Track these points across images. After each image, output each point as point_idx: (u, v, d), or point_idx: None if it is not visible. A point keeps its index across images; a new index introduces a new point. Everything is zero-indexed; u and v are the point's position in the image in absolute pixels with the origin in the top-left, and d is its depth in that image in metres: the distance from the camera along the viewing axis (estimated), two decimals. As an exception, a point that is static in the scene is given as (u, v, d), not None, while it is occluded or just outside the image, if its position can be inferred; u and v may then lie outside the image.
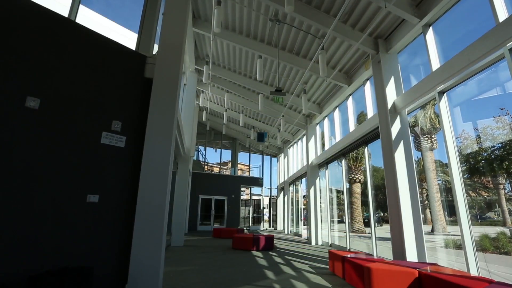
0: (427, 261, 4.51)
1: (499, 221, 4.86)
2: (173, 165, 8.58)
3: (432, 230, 6.54)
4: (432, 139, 6.71)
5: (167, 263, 5.58)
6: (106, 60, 3.82)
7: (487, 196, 5.15)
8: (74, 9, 4.40)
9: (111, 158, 3.59)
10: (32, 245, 2.79)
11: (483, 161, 5.11)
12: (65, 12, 4.33)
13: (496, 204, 5.05)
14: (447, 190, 5.74)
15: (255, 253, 7.33)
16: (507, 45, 3.29)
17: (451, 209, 5.11)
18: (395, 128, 4.97)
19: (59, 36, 3.38)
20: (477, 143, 4.96)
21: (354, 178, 11.00)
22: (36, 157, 2.97)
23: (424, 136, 6.66)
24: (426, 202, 6.95)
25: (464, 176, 5.20)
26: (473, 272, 3.78)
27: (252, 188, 18.57)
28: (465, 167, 5.17)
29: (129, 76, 4.01)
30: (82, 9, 4.70)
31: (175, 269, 5.11)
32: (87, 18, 4.98)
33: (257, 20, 6.65)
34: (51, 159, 3.08)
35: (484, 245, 4.88)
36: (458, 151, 5.18)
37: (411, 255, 4.46)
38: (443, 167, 6.29)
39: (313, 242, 9.77)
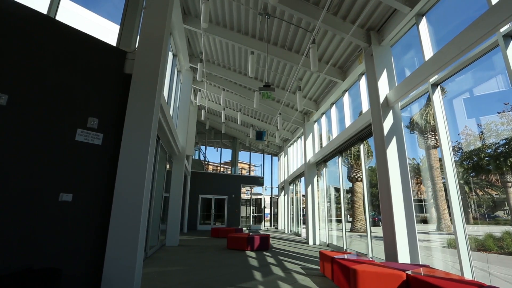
0: (420, 263, 4.29)
1: (508, 220, 4.65)
2: (167, 164, 8.51)
3: (437, 230, 6.34)
4: (436, 136, 6.49)
5: (156, 264, 5.49)
6: (84, 56, 3.72)
7: (495, 194, 4.93)
8: (55, 2, 4.34)
9: (86, 156, 3.49)
10: (-3, 245, 2.70)
11: (487, 158, 4.89)
12: (46, 5, 4.27)
13: (506, 203, 4.85)
14: None
15: (249, 253, 7.19)
16: (501, 30, 3.07)
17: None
18: (388, 123, 4.75)
19: (31, 31, 3.30)
20: (480, 139, 4.74)
21: (356, 177, 10.74)
22: (3, 155, 2.88)
23: (428, 133, 6.43)
24: (432, 201, 6.75)
25: (471, 174, 4.97)
26: (467, 274, 3.56)
27: (253, 188, 18.44)
28: (469, 165, 4.97)
29: (107, 72, 3.91)
30: (65, 2, 4.63)
31: (162, 269, 5.00)
32: (70, 11, 4.91)
33: (246, 15, 6.49)
34: (20, 157, 2.99)
35: (488, 245, 4.67)
36: (460, 148, 4.98)
37: (404, 257, 4.25)
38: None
39: (311, 242, 9.57)
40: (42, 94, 3.27)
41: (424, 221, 5.84)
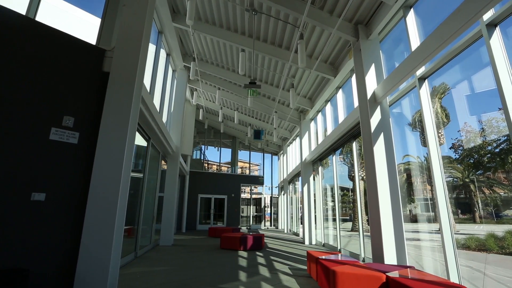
0: (407, 264, 4.13)
1: (516, 219, 4.48)
2: (161, 164, 8.47)
3: (440, 229, 6.18)
4: (439, 134, 6.32)
5: (144, 263, 5.46)
6: (59, 54, 3.69)
7: (503, 193, 4.75)
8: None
9: (61, 154, 3.46)
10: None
11: (488, 155, 4.72)
12: (26, 1, 4.27)
13: (514, 201, 4.67)
14: (459, 187, 5.39)
15: (241, 253, 7.11)
16: (484, 19, 2.91)
17: (464, 207, 4.77)
18: (375, 119, 4.59)
19: (3, 30, 3.27)
20: (481, 136, 4.56)
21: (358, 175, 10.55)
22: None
23: None
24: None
25: (477, 173, 4.80)
26: (453, 275, 3.40)
27: (253, 187, 18.36)
28: (471, 162, 4.82)
29: (85, 71, 3.87)
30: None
31: (148, 269, 4.97)
32: (54, 6, 4.91)
33: (234, 12, 6.39)
34: (-11, 156, 2.96)
35: (488, 245, 4.50)
36: (461, 145, 4.85)
37: (391, 257, 4.10)
38: (454, 163, 5.92)
39: (307, 242, 9.43)
40: (14, 93, 3.25)
41: (429, 220, 5.70)
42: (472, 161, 4.81)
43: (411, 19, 4.33)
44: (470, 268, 4.53)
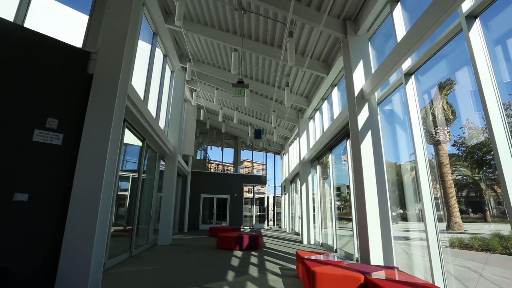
0: (394, 265, 4.03)
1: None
2: (159, 164, 8.56)
3: (447, 228, 6.05)
4: (445, 131, 6.18)
5: (136, 263, 5.52)
6: (44, 58, 3.77)
7: None
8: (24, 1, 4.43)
9: (45, 156, 3.53)
10: None
11: (492, 153, 4.57)
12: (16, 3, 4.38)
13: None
14: (468, 186, 5.24)
15: (236, 252, 7.11)
16: (464, 11, 2.79)
17: (475, 206, 4.71)
18: (362, 116, 4.49)
19: (-14, 35, 3.37)
20: (483, 132, 4.43)
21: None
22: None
23: (436, 129, 6.12)
24: (443, 199, 6.43)
25: (487, 170, 4.70)
26: (438, 275, 3.29)
27: (261, 186, 18.34)
28: (474, 159, 4.70)
29: (69, 73, 3.94)
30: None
31: (139, 268, 5.02)
32: (45, 6, 5.02)
33: (224, 12, 6.38)
34: (-28, 158, 3.05)
35: (492, 245, 4.36)
36: (464, 142, 4.75)
37: (377, 258, 4.01)
38: (462, 160, 5.77)
39: (305, 241, 9.35)
40: (-3, 96, 3.34)
41: (440, 219, 5.57)
42: (475, 158, 4.68)
43: (398, 13, 4.22)
44: (467, 269, 4.39)
